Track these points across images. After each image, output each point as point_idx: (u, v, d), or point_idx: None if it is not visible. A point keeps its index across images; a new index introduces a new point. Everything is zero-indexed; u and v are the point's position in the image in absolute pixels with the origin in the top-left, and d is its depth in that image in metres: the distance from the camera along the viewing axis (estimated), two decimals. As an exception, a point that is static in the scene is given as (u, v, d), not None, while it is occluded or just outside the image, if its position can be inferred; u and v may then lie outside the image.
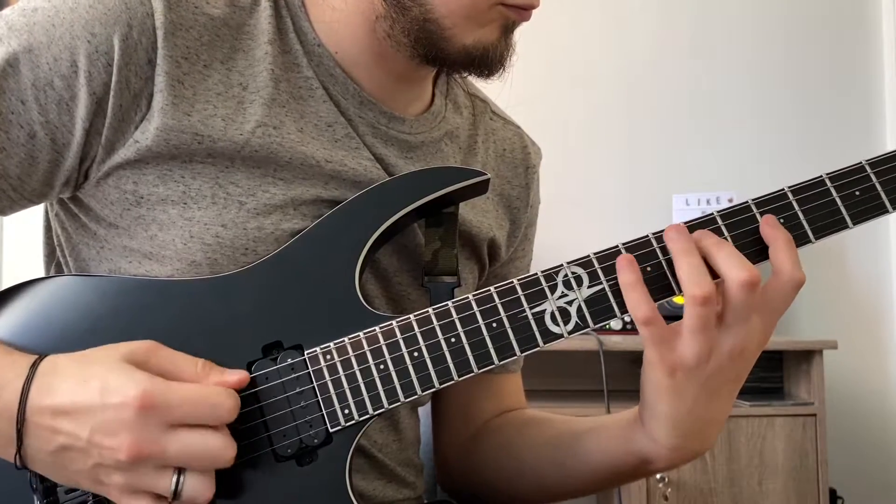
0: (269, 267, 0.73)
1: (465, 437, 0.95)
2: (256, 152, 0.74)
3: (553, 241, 1.51)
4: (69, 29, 0.70)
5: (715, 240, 0.68)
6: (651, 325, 0.67)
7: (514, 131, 0.96)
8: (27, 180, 0.73)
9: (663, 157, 2.57)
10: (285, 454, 0.69)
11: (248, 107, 0.74)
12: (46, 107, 0.70)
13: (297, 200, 0.75)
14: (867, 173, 0.71)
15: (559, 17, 2.53)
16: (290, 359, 0.70)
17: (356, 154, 0.79)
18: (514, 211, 0.93)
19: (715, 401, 0.71)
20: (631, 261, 0.69)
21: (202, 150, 0.72)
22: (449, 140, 0.88)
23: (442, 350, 0.70)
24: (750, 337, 0.68)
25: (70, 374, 0.64)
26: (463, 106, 0.92)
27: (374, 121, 0.81)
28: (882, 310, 2.57)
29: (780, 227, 0.69)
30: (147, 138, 0.71)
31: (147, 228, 0.73)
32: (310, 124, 0.78)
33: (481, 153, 0.91)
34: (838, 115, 2.60)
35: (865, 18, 2.62)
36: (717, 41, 2.61)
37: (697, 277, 0.66)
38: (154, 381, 0.63)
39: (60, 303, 0.72)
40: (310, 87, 0.78)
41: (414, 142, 0.83)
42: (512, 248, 0.95)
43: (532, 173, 0.95)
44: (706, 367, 0.68)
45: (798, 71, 2.60)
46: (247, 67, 0.76)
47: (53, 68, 0.70)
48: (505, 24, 0.76)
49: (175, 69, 0.72)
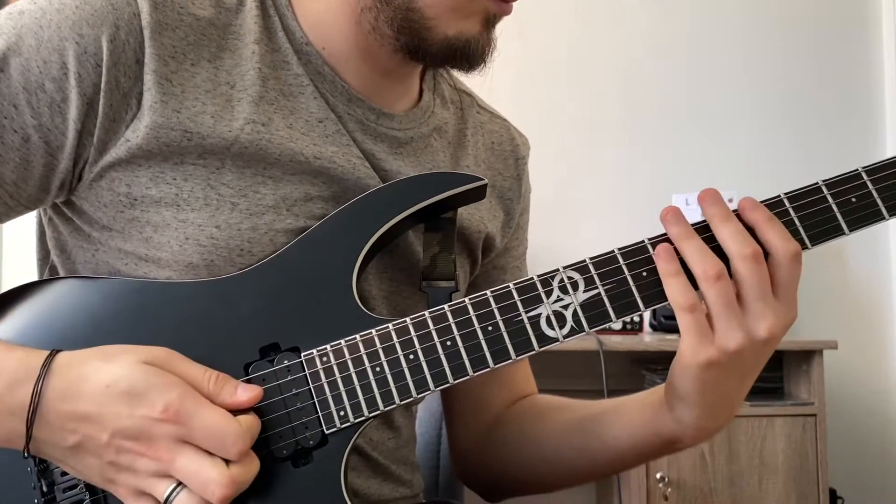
0: (267, 269, 0.73)
1: (481, 429, 0.95)
2: (246, 149, 0.74)
3: (553, 242, 1.51)
4: (57, 31, 0.70)
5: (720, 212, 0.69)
6: (695, 311, 0.68)
7: (500, 124, 0.97)
8: (23, 186, 0.73)
9: (663, 157, 2.57)
10: (281, 455, 0.69)
11: (237, 104, 0.75)
12: (39, 110, 0.71)
13: (288, 199, 0.76)
14: (864, 180, 0.71)
15: (559, 18, 2.53)
16: (286, 361, 0.70)
17: (346, 151, 0.79)
18: (508, 202, 0.94)
19: (745, 382, 0.73)
20: (670, 250, 0.69)
21: (192, 147, 0.73)
22: (438, 135, 0.88)
23: (438, 353, 0.70)
24: (778, 320, 0.68)
25: (91, 376, 0.64)
26: (450, 101, 0.92)
27: (363, 117, 0.81)
28: (882, 310, 2.57)
29: (759, 207, 0.70)
30: (138, 136, 0.71)
31: (142, 230, 0.74)
32: (300, 120, 0.78)
33: (471, 147, 0.92)
34: (838, 114, 2.60)
35: (865, 18, 2.62)
36: (716, 41, 2.61)
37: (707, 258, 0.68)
38: (183, 394, 0.63)
39: (61, 304, 0.72)
40: (300, 84, 0.79)
41: (403, 138, 0.84)
42: (507, 238, 0.95)
43: (522, 164, 0.96)
44: (743, 355, 0.68)
45: (798, 71, 2.60)
46: (234, 66, 0.76)
47: (44, 71, 0.70)
48: (487, 17, 0.77)
49: (163, 67, 0.72)
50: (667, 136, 2.58)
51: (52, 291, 0.73)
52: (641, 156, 2.57)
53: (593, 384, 2.00)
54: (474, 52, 0.77)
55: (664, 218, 0.71)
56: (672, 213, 0.71)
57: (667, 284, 0.69)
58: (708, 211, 0.70)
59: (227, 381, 0.67)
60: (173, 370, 0.65)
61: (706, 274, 0.67)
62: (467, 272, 0.91)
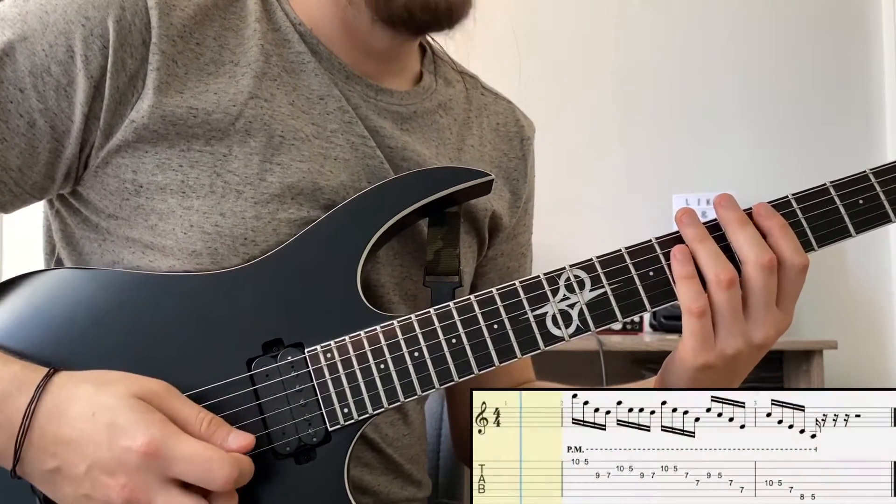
0: (271, 264, 0.73)
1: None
2: (251, 124, 0.74)
3: (553, 242, 1.51)
4: (63, 14, 0.70)
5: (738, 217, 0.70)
6: (704, 317, 0.68)
7: (505, 105, 0.97)
8: (28, 172, 0.73)
9: (663, 158, 2.57)
10: (284, 452, 0.69)
11: (241, 79, 0.75)
12: (45, 93, 0.70)
13: (293, 189, 0.75)
14: (871, 182, 0.72)
15: (558, 18, 2.52)
16: (290, 356, 0.70)
17: (346, 129, 0.79)
18: (514, 182, 0.94)
19: (734, 381, 0.74)
20: (686, 252, 0.69)
21: (198, 124, 0.73)
22: (444, 112, 0.88)
23: (443, 351, 0.70)
24: (775, 327, 0.70)
25: (79, 401, 0.63)
26: (454, 80, 0.92)
27: (363, 94, 0.82)
28: (882, 310, 2.57)
29: (774, 215, 0.70)
30: (142, 117, 0.71)
31: (147, 218, 0.74)
32: (301, 97, 0.78)
33: (476, 127, 0.91)
34: (838, 114, 2.60)
35: (865, 18, 2.62)
36: (716, 41, 2.61)
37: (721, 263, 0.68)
38: (164, 430, 0.61)
39: (61, 295, 0.71)
40: (301, 62, 0.79)
41: (406, 112, 0.84)
42: (514, 218, 0.95)
43: (528, 145, 0.96)
44: (739, 359, 0.70)
45: (798, 71, 2.60)
46: (237, 45, 0.77)
47: (49, 54, 0.70)
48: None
49: (171, 48, 0.72)
50: (667, 137, 2.58)
51: (51, 283, 0.72)
52: (641, 156, 2.57)
53: (593, 384, 1.99)
54: (438, 6, 0.76)
55: (679, 219, 0.71)
56: (687, 215, 0.71)
57: (680, 286, 0.69)
58: (725, 215, 0.70)
59: (220, 424, 0.65)
60: (165, 407, 0.63)
61: (718, 279, 0.68)
62: (475, 252, 0.90)
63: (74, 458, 0.62)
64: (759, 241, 0.69)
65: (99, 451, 0.61)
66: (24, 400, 0.62)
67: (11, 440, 0.62)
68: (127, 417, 0.61)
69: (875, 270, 2.57)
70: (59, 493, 0.64)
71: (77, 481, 0.62)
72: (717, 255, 0.69)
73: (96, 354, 0.69)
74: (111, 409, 0.62)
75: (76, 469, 0.62)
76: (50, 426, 0.62)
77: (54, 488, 0.64)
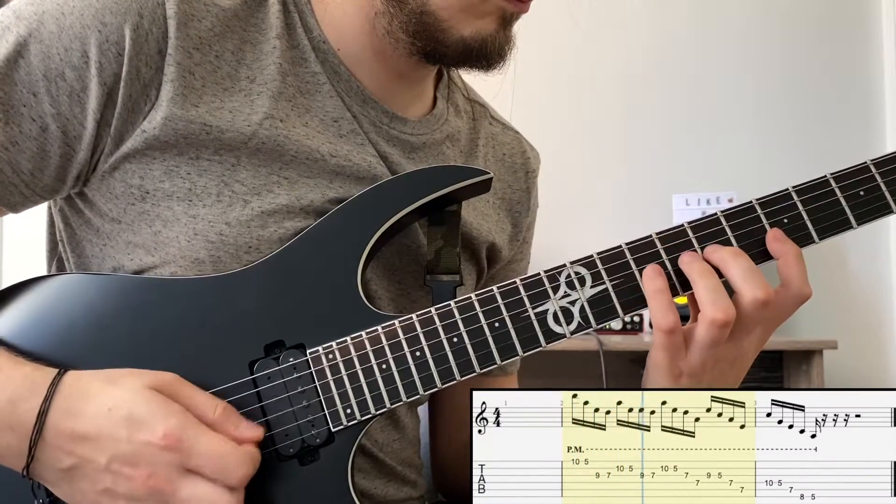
0: (272, 266, 0.73)
1: (463, 440, 0.95)
2: (264, 144, 0.74)
3: (553, 242, 1.51)
4: (80, 18, 0.69)
5: (732, 252, 0.69)
6: (673, 334, 0.68)
7: (513, 136, 0.96)
8: (39, 175, 0.73)
9: (663, 157, 2.57)
10: (287, 454, 0.69)
11: (256, 99, 0.75)
12: (58, 99, 0.70)
13: (302, 200, 0.75)
14: (872, 173, 0.71)
15: (558, 18, 2.53)
16: (292, 358, 0.70)
17: (361, 150, 0.79)
18: (516, 215, 0.94)
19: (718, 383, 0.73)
20: (659, 270, 0.69)
21: (210, 140, 0.72)
22: (450, 143, 0.88)
23: (444, 350, 0.70)
24: (750, 345, 0.71)
25: (94, 397, 0.63)
26: (463, 111, 0.92)
27: (377, 119, 0.81)
28: (882, 310, 2.57)
29: (788, 242, 0.69)
30: (154, 127, 0.71)
31: (151, 224, 0.73)
32: (315, 118, 0.78)
33: (482, 157, 0.91)
34: (838, 114, 2.60)
35: (865, 18, 2.62)
36: (716, 41, 2.61)
37: (720, 300, 0.67)
38: (183, 420, 0.62)
39: (66, 300, 0.71)
40: (317, 82, 0.79)
41: (416, 143, 0.84)
42: (513, 251, 0.95)
43: (532, 177, 0.96)
44: (710, 374, 0.70)
45: (798, 70, 2.60)
46: (255, 60, 0.76)
47: (65, 59, 0.69)
48: (503, 16, 0.76)
49: (187, 59, 0.72)
50: (666, 137, 2.58)
51: (54, 288, 0.72)
52: (641, 156, 2.57)
53: (593, 384, 2.00)
54: (491, 50, 0.76)
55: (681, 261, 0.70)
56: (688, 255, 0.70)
57: (650, 302, 0.68)
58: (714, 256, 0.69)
59: (232, 412, 0.66)
60: (179, 397, 0.64)
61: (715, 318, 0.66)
62: (474, 279, 0.91)
63: (93, 454, 0.62)
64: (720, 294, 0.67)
65: (119, 444, 0.61)
66: (37, 401, 0.62)
67: (25, 440, 0.62)
68: (144, 409, 0.62)
69: (875, 271, 2.57)
70: (76, 491, 0.64)
71: (96, 477, 0.62)
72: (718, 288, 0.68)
73: (102, 358, 0.69)
74: (127, 403, 0.62)
75: (95, 464, 0.62)
76: (65, 424, 0.62)
77: (70, 487, 0.64)
